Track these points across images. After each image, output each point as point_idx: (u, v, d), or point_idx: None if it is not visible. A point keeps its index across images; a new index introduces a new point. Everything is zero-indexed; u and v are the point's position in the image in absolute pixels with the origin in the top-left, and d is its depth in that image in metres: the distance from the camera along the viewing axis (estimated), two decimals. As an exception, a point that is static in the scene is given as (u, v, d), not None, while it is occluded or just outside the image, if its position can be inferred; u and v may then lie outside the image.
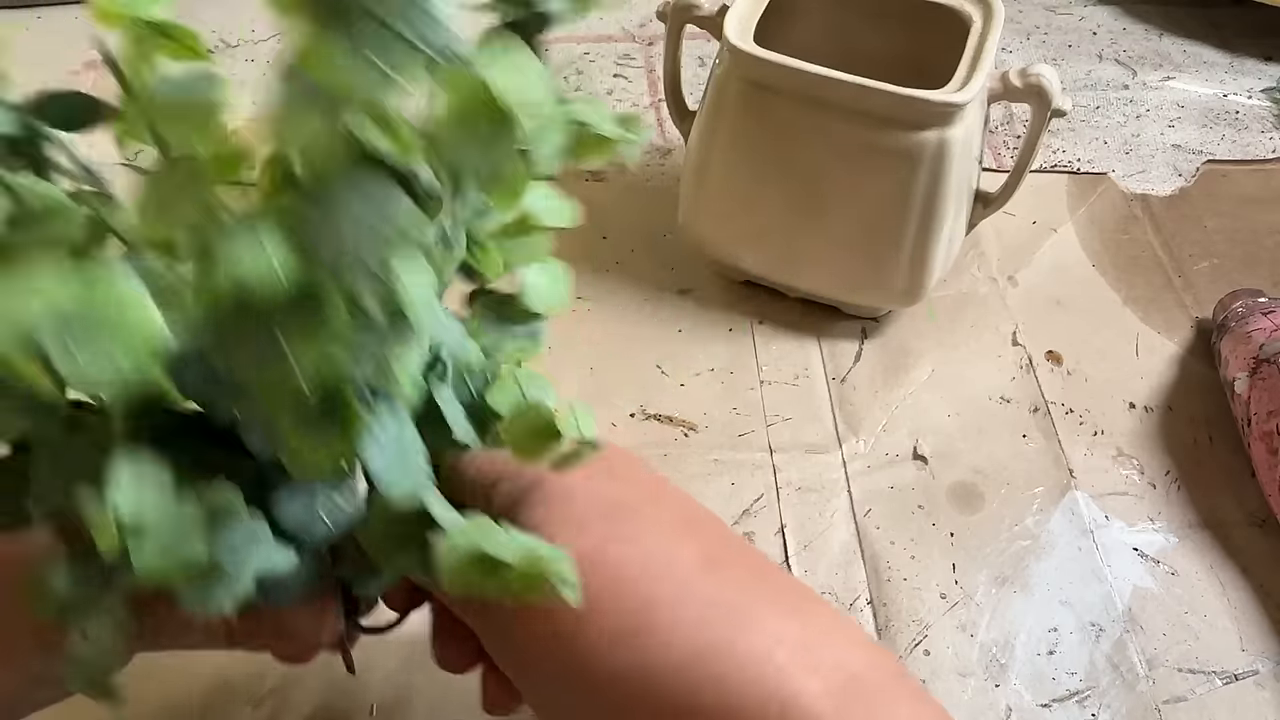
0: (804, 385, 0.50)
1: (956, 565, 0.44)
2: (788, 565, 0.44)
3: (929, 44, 0.47)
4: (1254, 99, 0.68)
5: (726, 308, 0.54)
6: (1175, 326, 0.54)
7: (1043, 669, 0.41)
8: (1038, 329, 0.53)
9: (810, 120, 0.44)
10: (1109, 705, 0.40)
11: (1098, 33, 0.74)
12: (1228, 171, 0.63)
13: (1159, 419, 0.49)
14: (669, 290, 0.55)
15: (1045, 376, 0.51)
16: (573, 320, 0.53)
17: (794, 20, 0.51)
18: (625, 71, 0.69)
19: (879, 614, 0.42)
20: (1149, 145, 0.64)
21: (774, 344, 0.52)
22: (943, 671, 0.41)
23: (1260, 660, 0.41)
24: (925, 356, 0.52)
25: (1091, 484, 0.47)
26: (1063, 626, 0.42)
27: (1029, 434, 0.49)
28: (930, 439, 0.48)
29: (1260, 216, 0.60)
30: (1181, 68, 0.71)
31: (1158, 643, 0.42)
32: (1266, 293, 0.51)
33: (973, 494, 0.46)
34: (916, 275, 0.48)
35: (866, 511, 0.46)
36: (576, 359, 0.51)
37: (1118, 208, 0.60)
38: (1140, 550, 0.45)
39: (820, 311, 0.53)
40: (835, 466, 0.47)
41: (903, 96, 0.42)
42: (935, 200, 0.45)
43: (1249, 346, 0.47)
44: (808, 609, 0.27)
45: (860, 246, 0.48)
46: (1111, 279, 0.56)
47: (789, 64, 0.43)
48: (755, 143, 0.47)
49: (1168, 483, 0.47)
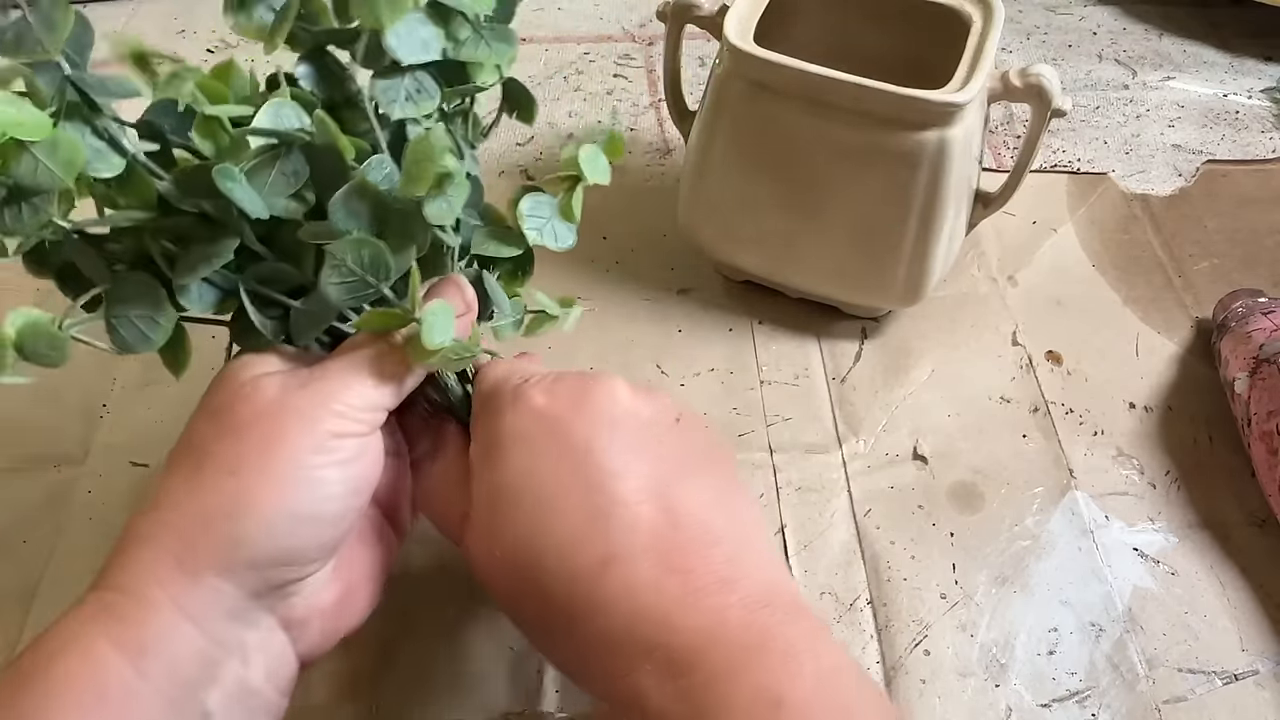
0: (804, 385, 0.50)
1: (956, 565, 0.44)
2: (788, 565, 0.44)
3: (929, 44, 0.47)
4: (1254, 99, 0.68)
5: (726, 308, 0.54)
6: (1175, 326, 0.54)
7: (1043, 669, 0.41)
8: (1038, 329, 0.53)
9: (810, 120, 0.44)
10: (1109, 705, 0.40)
11: (1098, 33, 0.74)
12: (1228, 171, 0.63)
13: (1159, 419, 0.49)
14: (669, 290, 0.55)
15: (1045, 376, 0.51)
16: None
17: (794, 20, 0.51)
18: (625, 71, 0.69)
19: (879, 614, 0.42)
20: (1149, 145, 0.64)
21: (774, 344, 0.52)
22: (943, 671, 0.41)
23: (1260, 660, 0.41)
24: (925, 356, 0.52)
25: (1091, 484, 0.47)
26: (1063, 626, 0.42)
27: (1029, 434, 0.49)
28: (930, 439, 0.48)
29: (1260, 216, 0.60)
30: (1181, 68, 0.71)
31: (1158, 643, 0.42)
32: (1266, 293, 0.51)
33: (973, 494, 0.46)
34: (916, 275, 0.48)
35: (866, 511, 0.46)
36: (576, 359, 0.51)
37: (1118, 208, 0.60)
38: (1140, 550, 0.45)
39: (820, 311, 0.53)
40: (835, 466, 0.47)
41: (903, 96, 0.42)
42: (935, 200, 0.45)
43: (1249, 346, 0.47)
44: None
45: (860, 247, 0.48)
46: (1111, 279, 0.56)
47: (789, 64, 0.43)
48: (755, 143, 0.47)
49: (1168, 483, 0.47)
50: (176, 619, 0.27)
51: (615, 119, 0.63)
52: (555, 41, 0.72)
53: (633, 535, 0.29)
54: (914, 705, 0.40)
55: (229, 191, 0.28)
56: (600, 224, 0.57)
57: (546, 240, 0.34)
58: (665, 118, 0.65)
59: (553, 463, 0.31)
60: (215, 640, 0.28)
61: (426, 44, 0.30)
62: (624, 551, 0.29)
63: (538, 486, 0.31)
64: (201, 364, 0.33)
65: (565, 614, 0.29)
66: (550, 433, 0.31)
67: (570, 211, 0.35)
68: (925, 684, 0.40)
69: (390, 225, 0.30)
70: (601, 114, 0.66)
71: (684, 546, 0.29)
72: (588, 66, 0.70)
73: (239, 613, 0.29)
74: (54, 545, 0.43)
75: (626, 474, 0.30)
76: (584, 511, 0.30)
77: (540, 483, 0.31)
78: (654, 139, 0.64)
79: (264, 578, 0.29)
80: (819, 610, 0.42)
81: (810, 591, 0.43)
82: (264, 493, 0.28)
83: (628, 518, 0.30)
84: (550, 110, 0.66)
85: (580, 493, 0.30)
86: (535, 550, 0.30)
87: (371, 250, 0.29)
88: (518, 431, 0.32)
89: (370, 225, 0.30)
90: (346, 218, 0.30)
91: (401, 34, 0.30)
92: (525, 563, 0.30)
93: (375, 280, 0.30)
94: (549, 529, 0.30)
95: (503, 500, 0.31)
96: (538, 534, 0.30)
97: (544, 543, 0.30)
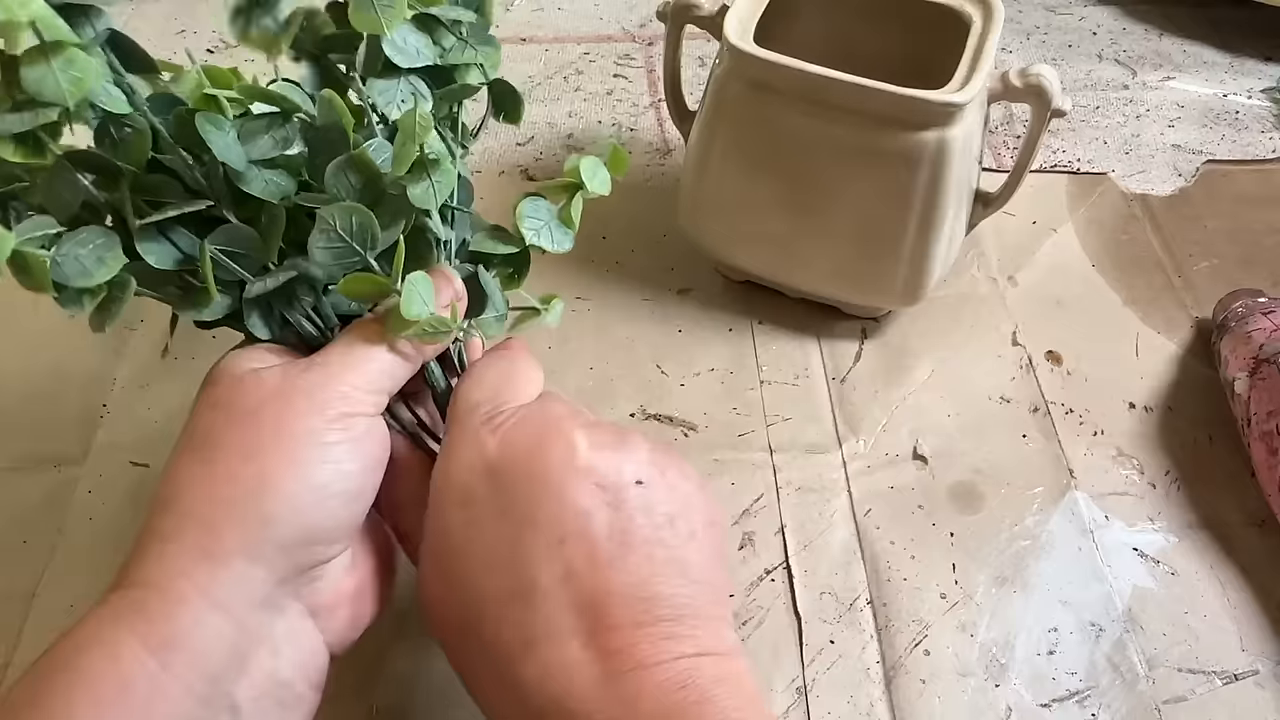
0: (804, 385, 0.50)
1: (956, 565, 0.44)
2: (788, 565, 0.44)
3: (929, 44, 0.47)
4: (1254, 99, 0.68)
5: (726, 308, 0.54)
6: (1175, 326, 0.54)
7: (1043, 669, 0.41)
8: (1038, 329, 0.53)
9: (810, 120, 0.44)
10: (1109, 705, 0.40)
11: (1098, 33, 0.74)
12: (1228, 171, 0.63)
13: (1159, 419, 0.49)
14: (669, 290, 0.55)
15: (1045, 376, 0.51)
16: (573, 320, 0.53)
17: (794, 20, 0.51)
18: (625, 71, 0.69)
19: (879, 614, 0.42)
20: (1149, 145, 0.64)
21: (774, 344, 0.52)
22: (943, 671, 0.41)
23: (1260, 660, 0.41)
24: (925, 356, 0.52)
25: (1091, 484, 0.47)
26: (1063, 626, 0.42)
27: (1029, 434, 0.49)
28: (930, 439, 0.48)
29: (1260, 216, 0.60)
30: (1181, 68, 0.71)
31: (1158, 643, 0.42)
32: (1266, 293, 0.51)
33: (973, 494, 0.46)
34: (916, 275, 0.48)
35: (866, 511, 0.45)
36: (576, 359, 0.51)
37: (1118, 208, 0.60)
38: (1140, 550, 0.45)
39: (820, 311, 0.53)
40: (835, 466, 0.47)
41: (903, 96, 0.42)
42: (935, 200, 0.45)
43: (1249, 346, 0.47)
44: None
45: (860, 247, 0.48)
46: (1111, 279, 0.56)
47: (789, 64, 0.43)
48: (755, 143, 0.47)
49: (1168, 483, 0.47)
50: (204, 609, 0.27)
51: (618, 134, 0.63)
52: (555, 41, 0.72)
53: (559, 614, 0.28)
54: (914, 705, 0.40)
55: (207, 136, 0.29)
56: (600, 224, 0.57)
57: (544, 242, 0.35)
58: (665, 118, 0.65)
59: (491, 531, 0.30)
60: (244, 629, 0.28)
61: (420, 50, 0.32)
62: (547, 631, 0.28)
63: (475, 553, 0.30)
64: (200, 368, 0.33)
65: (492, 680, 0.29)
66: (493, 495, 0.30)
67: (569, 218, 0.35)
68: (925, 684, 0.40)
69: (381, 205, 0.31)
70: (601, 114, 0.66)
71: (610, 626, 0.28)
72: (588, 66, 0.70)
73: (267, 600, 0.29)
74: (54, 545, 0.43)
75: (564, 548, 0.29)
76: (514, 586, 0.29)
77: (478, 549, 0.30)
78: (654, 139, 0.64)
79: (291, 559, 0.29)
80: (819, 610, 0.42)
81: (810, 591, 0.43)
82: (284, 470, 0.28)
83: (557, 595, 0.28)
84: (550, 110, 0.66)
85: (513, 567, 0.29)
86: (471, 611, 0.29)
87: (361, 218, 0.30)
88: (464, 483, 0.30)
89: (362, 198, 0.31)
90: (340, 185, 0.31)
91: (398, 40, 0.31)
92: (462, 621, 0.30)
93: (361, 249, 0.31)
94: (484, 595, 0.29)
95: (446, 556, 0.30)
96: (474, 598, 0.29)
97: (480, 607, 0.29)
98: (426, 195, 0.32)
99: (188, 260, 0.31)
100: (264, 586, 0.28)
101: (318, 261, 0.31)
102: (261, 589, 0.28)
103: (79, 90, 0.27)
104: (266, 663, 0.29)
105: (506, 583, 0.29)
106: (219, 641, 0.27)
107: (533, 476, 0.30)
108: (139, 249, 0.30)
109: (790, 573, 0.43)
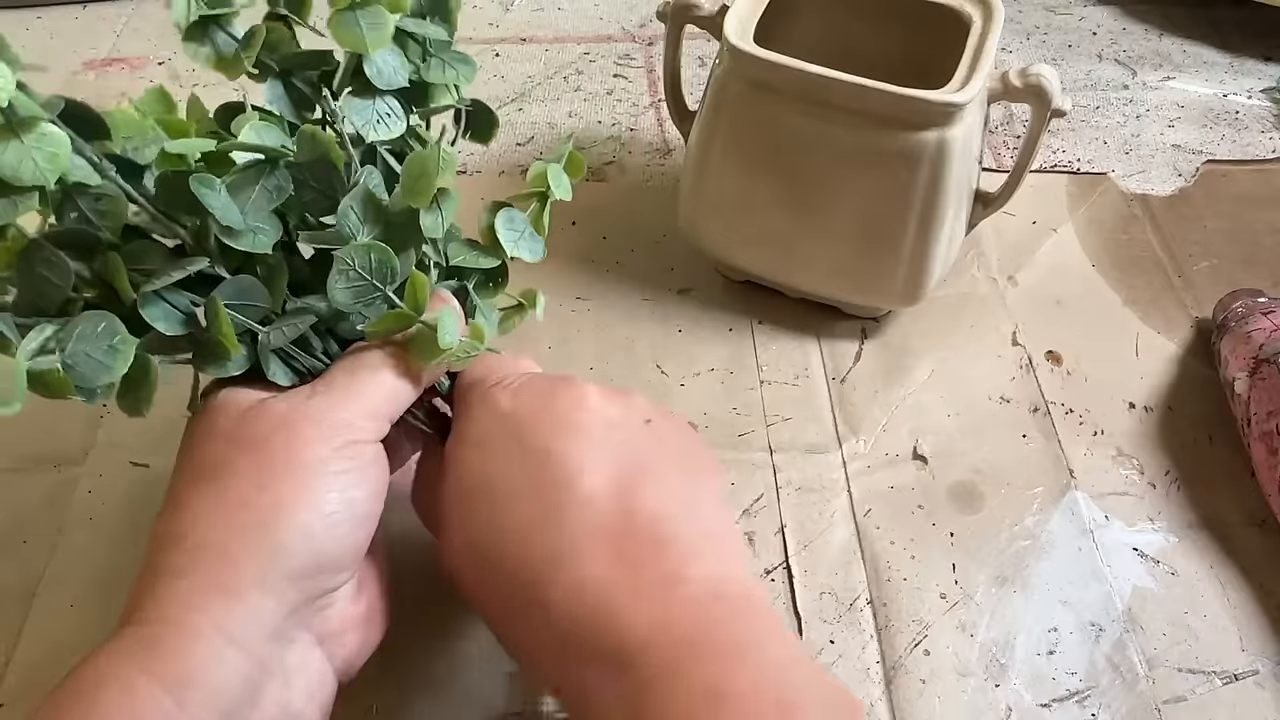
0: (804, 385, 0.50)
1: (956, 565, 0.44)
2: (788, 565, 0.44)
3: (929, 44, 0.47)
4: (1254, 99, 0.68)
5: (726, 308, 0.54)
6: (1175, 326, 0.54)
7: (1043, 669, 0.41)
8: (1038, 329, 0.53)
9: (810, 120, 0.44)
10: (1109, 705, 0.40)
11: (1098, 33, 0.74)
12: (1228, 171, 0.63)
13: (1159, 419, 0.49)
14: (669, 290, 0.55)
15: (1045, 376, 0.51)
16: (573, 320, 0.53)
17: (794, 20, 0.51)
18: (625, 71, 0.69)
19: (879, 614, 0.42)
20: (1149, 145, 0.64)
21: (774, 344, 0.52)
22: (943, 671, 0.41)
23: (1260, 660, 0.41)
24: (925, 356, 0.52)
25: (1091, 484, 0.47)
26: (1063, 626, 0.42)
27: (1029, 434, 0.49)
28: (930, 439, 0.48)
29: (1260, 216, 0.60)
30: (1181, 68, 0.71)
31: (1158, 643, 0.42)
32: (1266, 293, 0.51)
33: (973, 494, 0.46)
34: (916, 275, 0.48)
35: (866, 511, 0.46)
36: (576, 359, 0.51)
37: (1118, 208, 0.60)
38: (1140, 550, 0.45)
39: (820, 311, 0.53)
40: (835, 466, 0.47)
41: (903, 96, 0.42)
42: (935, 200, 0.45)
43: (1249, 346, 0.47)
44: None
45: (860, 247, 0.48)
46: (1111, 279, 0.56)
47: (789, 64, 0.43)
48: (755, 143, 0.47)
49: (1167, 483, 0.47)
50: (219, 644, 0.27)
51: (618, 134, 0.63)
52: (555, 41, 0.72)
53: (585, 533, 0.30)
54: (914, 705, 0.40)
55: (204, 198, 0.28)
56: (600, 224, 0.57)
57: (521, 252, 0.35)
58: (665, 118, 0.65)
59: (512, 464, 0.31)
60: (258, 663, 0.28)
61: (397, 70, 0.32)
62: (575, 550, 0.29)
63: (497, 486, 0.31)
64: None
65: (520, 609, 0.30)
66: (512, 434, 0.32)
67: (541, 225, 0.36)
68: (925, 684, 0.40)
69: (390, 234, 0.31)
70: (601, 114, 0.66)
71: (637, 543, 0.29)
72: (588, 66, 0.70)
73: (278, 631, 0.29)
74: (54, 545, 0.43)
75: (584, 474, 0.31)
76: (538, 512, 0.30)
77: (500, 483, 0.31)
78: (654, 139, 0.64)
79: (302, 590, 0.29)
80: (819, 610, 0.42)
81: (810, 591, 0.43)
82: (296, 498, 0.29)
83: (581, 517, 0.30)
84: (550, 110, 0.66)
85: (536, 494, 0.30)
86: (494, 546, 0.31)
87: (379, 254, 0.30)
88: (481, 433, 0.32)
89: (374, 233, 0.31)
90: (355, 223, 0.31)
91: (378, 61, 0.32)
92: (485, 558, 0.31)
93: (382, 285, 0.31)
94: (506, 527, 0.30)
95: (466, 498, 0.32)
96: (496, 531, 0.31)
97: (501, 540, 0.30)
98: (436, 224, 0.32)
99: (190, 320, 0.30)
100: (275, 618, 0.29)
101: (339, 302, 0.31)
102: (273, 621, 0.28)
103: (55, 168, 0.25)
104: (279, 695, 0.29)
105: (528, 511, 0.30)
106: (234, 677, 0.27)
107: (547, 416, 0.32)
108: (146, 318, 0.29)
109: (790, 572, 0.43)
